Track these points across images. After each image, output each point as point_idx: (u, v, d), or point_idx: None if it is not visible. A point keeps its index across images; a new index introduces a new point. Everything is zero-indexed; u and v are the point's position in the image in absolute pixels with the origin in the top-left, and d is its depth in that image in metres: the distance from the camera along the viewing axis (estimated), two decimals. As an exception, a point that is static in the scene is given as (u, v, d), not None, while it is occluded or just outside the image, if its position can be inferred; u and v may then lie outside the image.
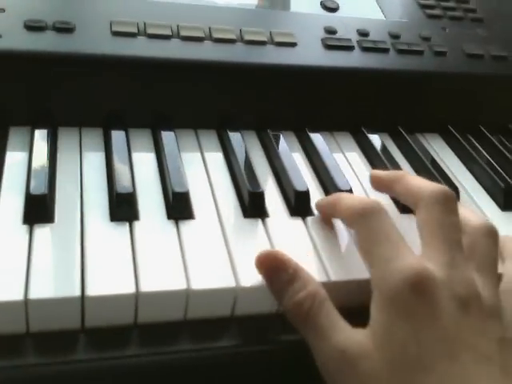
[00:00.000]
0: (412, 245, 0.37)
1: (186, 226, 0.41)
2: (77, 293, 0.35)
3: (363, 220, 0.37)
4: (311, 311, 0.35)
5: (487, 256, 0.38)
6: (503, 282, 0.39)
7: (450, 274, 0.35)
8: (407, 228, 0.45)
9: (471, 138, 0.60)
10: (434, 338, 0.33)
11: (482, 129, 0.61)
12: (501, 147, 0.59)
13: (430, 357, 0.33)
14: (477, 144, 0.59)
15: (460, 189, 0.52)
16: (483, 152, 0.58)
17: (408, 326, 0.33)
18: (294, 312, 0.36)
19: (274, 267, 0.37)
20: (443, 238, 0.37)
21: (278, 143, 0.52)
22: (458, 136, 0.60)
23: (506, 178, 0.53)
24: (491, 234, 0.39)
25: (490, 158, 0.56)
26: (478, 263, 0.37)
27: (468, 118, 0.61)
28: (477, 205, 0.51)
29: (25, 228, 0.38)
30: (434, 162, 0.55)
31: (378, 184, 0.46)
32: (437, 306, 0.34)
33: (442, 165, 0.55)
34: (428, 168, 0.53)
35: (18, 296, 0.34)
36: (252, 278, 0.38)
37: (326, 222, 0.44)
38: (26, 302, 0.34)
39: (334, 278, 0.40)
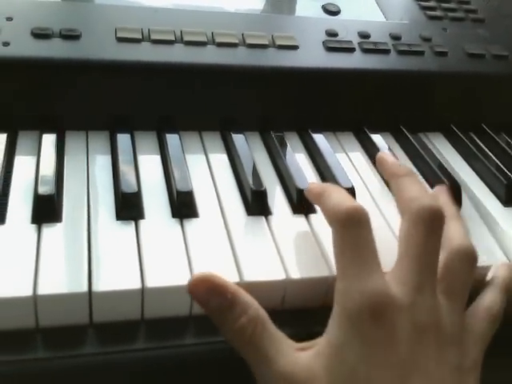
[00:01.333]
0: None
1: (191, 224, 0.42)
2: (84, 288, 0.36)
3: (343, 228, 0.36)
4: (254, 337, 0.34)
5: (459, 282, 0.38)
6: (472, 306, 0.40)
7: (415, 299, 0.35)
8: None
9: (474, 136, 0.60)
10: (386, 363, 0.33)
11: (485, 127, 0.62)
12: (503, 145, 0.59)
13: (380, 382, 0.33)
14: (479, 142, 0.59)
15: (462, 185, 0.52)
16: (486, 150, 0.58)
17: (361, 348, 0.33)
18: (236, 339, 0.35)
19: (210, 292, 0.35)
20: (418, 262, 0.36)
21: (281, 144, 0.53)
22: (461, 135, 0.60)
23: (508, 173, 0.53)
24: (469, 258, 0.39)
25: (492, 156, 0.57)
26: (447, 286, 0.37)
27: (470, 116, 0.62)
28: (479, 200, 0.52)
29: (33, 227, 0.39)
30: (436, 160, 0.56)
31: (381, 167, 0.46)
32: (393, 331, 0.34)
33: (444, 163, 0.56)
34: (431, 166, 0.54)
35: (28, 292, 0.35)
36: (255, 273, 0.39)
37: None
38: (35, 297, 0.35)
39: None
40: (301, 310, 0.40)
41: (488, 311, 0.40)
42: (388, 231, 0.46)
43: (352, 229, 0.36)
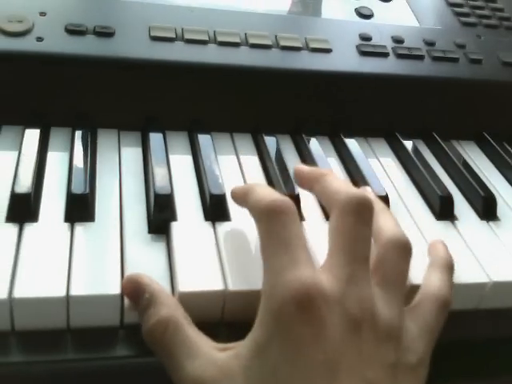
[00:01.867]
0: None
1: (223, 227, 0.42)
2: (116, 291, 0.35)
3: (267, 220, 0.34)
4: (164, 339, 0.33)
5: (394, 271, 0.35)
6: (417, 298, 0.37)
7: (346, 290, 0.32)
8: (443, 236, 0.45)
9: (507, 145, 0.59)
10: (312, 363, 0.30)
11: (518, 136, 0.61)
12: (537, 154, 0.58)
13: (304, 382, 0.30)
14: (512, 151, 0.58)
15: (494, 193, 0.51)
16: (519, 159, 0.57)
17: (285, 347, 0.30)
18: (147, 340, 0.33)
19: (134, 291, 0.35)
20: (348, 250, 0.34)
21: (312, 148, 0.52)
22: (494, 143, 0.59)
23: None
24: (403, 247, 0.36)
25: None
26: (383, 277, 0.35)
27: (504, 125, 0.61)
28: (511, 209, 0.51)
29: (66, 226, 0.39)
30: (469, 167, 0.55)
31: (300, 180, 0.42)
32: (323, 326, 0.30)
33: (477, 170, 0.55)
34: (463, 173, 0.53)
35: (60, 292, 0.34)
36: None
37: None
38: (68, 298, 0.34)
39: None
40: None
41: (436, 297, 0.37)
42: (421, 238, 0.45)
43: (277, 218, 0.34)
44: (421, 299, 0.37)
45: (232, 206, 0.44)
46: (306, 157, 0.52)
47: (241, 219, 0.43)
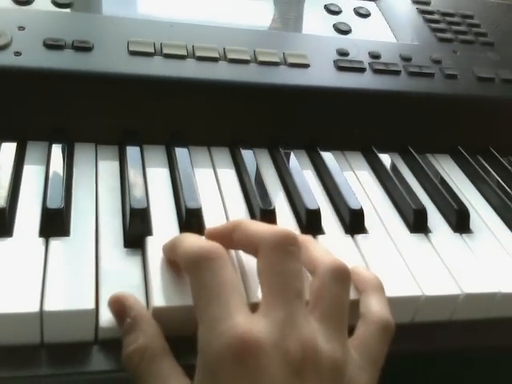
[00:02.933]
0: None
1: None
2: (91, 306, 0.35)
3: (196, 270, 0.33)
4: (139, 368, 0.33)
5: (335, 303, 0.34)
6: (359, 327, 0.36)
7: (285, 332, 0.31)
8: (417, 249, 0.46)
9: (481, 159, 0.60)
10: None
11: (492, 150, 0.62)
12: (511, 168, 0.59)
13: None
14: (486, 165, 0.59)
15: (468, 206, 0.52)
16: (493, 173, 0.58)
17: None
18: (125, 364, 0.34)
19: (119, 312, 0.35)
20: (279, 289, 0.32)
21: (289, 161, 0.52)
22: (468, 157, 0.60)
23: (516, 197, 0.54)
24: (341, 274, 0.35)
25: (499, 179, 0.57)
26: (322, 311, 0.33)
27: (478, 139, 0.62)
28: (486, 224, 0.52)
29: (41, 241, 0.39)
30: (443, 181, 0.56)
31: (215, 239, 0.37)
32: (262, 375, 0.29)
33: (451, 184, 0.56)
34: (437, 187, 0.54)
35: (34, 308, 0.34)
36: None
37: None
38: (42, 313, 0.34)
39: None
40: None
41: (378, 322, 0.36)
42: (395, 251, 0.46)
43: (207, 266, 0.33)
44: (363, 327, 0.36)
45: (208, 220, 0.44)
46: (282, 170, 0.52)
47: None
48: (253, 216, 0.46)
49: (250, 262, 0.38)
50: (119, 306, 0.35)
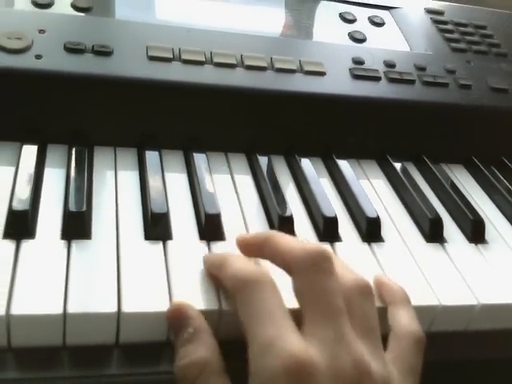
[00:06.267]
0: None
1: (218, 246, 0.42)
2: (113, 309, 0.36)
3: (247, 291, 0.33)
4: (196, 382, 0.32)
5: (367, 318, 0.35)
6: (391, 341, 0.36)
7: (336, 353, 0.31)
8: (433, 258, 0.46)
9: (494, 169, 0.61)
10: None
11: (505, 161, 0.62)
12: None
13: None
14: (500, 175, 0.60)
15: (483, 216, 0.52)
16: (505, 182, 0.58)
17: None
18: (178, 375, 0.33)
19: (178, 320, 0.35)
20: (324, 308, 0.33)
21: (305, 169, 0.53)
22: (482, 167, 0.60)
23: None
24: (366, 291, 0.36)
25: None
26: (360, 329, 0.34)
27: (492, 150, 0.62)
28: (501, 235, 0.52)
29: (63, 243, 0.39)
30: (458, 191, 0.56)
31: (245, 249, 0.39)
32: None
33: (465, 194, 0.56)
34: (452, 197, 0.54)
35: (57, 310, 0.34)
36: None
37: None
38: (65, 315, 0.34)
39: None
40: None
41: (410, 335, 0.36)
42: (411, 260, 0.46)
43: (256, 289, 0.33)
44: (395, 341, 0.36)
45: (227, 226, 0.44)
46: (299, 177, 0.53)
47: (235, 239, 0.43)
48: (270, 222, 0.46)
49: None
50: (180, 314, 0.35)
